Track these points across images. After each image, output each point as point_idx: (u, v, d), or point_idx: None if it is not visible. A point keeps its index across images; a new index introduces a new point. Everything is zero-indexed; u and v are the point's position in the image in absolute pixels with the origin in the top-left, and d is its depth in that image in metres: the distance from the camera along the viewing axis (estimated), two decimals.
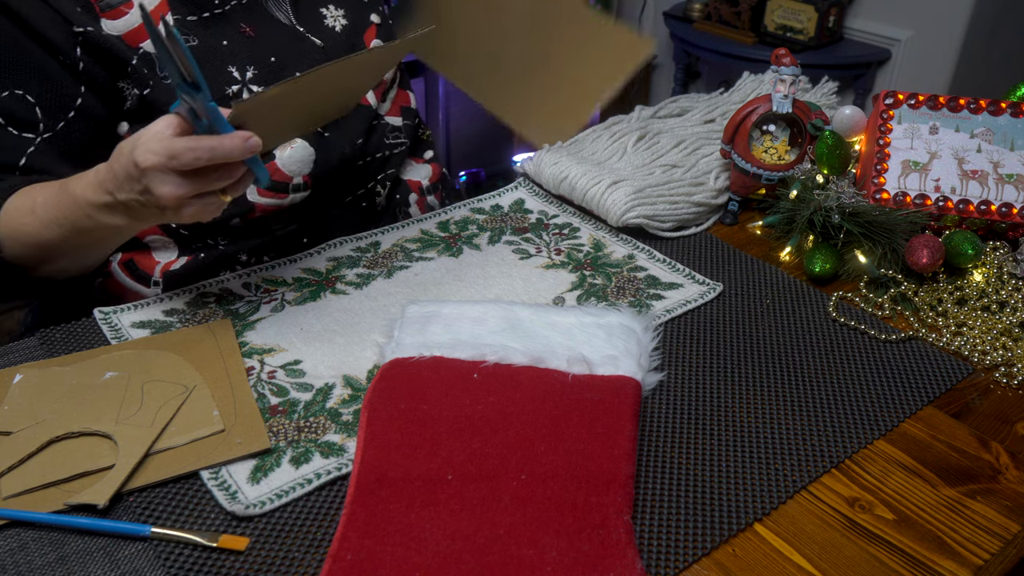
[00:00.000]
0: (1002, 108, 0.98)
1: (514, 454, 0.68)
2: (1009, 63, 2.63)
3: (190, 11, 0.95)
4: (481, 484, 0.65)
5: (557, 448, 0.68)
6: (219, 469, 0.68)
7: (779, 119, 1.06)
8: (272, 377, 0.79)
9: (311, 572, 0.61)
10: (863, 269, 0.95)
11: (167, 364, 0.78)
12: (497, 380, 0.75)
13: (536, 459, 0.68)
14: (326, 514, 0.66)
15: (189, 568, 0.61)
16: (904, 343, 0.86)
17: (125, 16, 0.91)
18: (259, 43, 0.99)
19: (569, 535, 0.62)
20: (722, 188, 1.09)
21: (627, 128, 1.19)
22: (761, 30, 2.63)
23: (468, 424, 0.71)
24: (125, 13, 0.91)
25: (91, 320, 0.86)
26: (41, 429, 0.70)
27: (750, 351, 0.84)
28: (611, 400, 0.73)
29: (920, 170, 0.98)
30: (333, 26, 1.07)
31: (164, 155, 0.71)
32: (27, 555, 0.62)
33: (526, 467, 0.67)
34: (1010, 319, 0.88)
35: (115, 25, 0.90)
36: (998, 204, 0.96)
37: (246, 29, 0.98)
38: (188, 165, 0.71)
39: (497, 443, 0.69)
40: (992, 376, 0.83)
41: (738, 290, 0.94)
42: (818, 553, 0.64)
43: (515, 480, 0.66)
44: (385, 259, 0.98)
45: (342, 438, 0.72)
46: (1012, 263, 0.93)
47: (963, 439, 0.75)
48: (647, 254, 0.99)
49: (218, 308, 0.88)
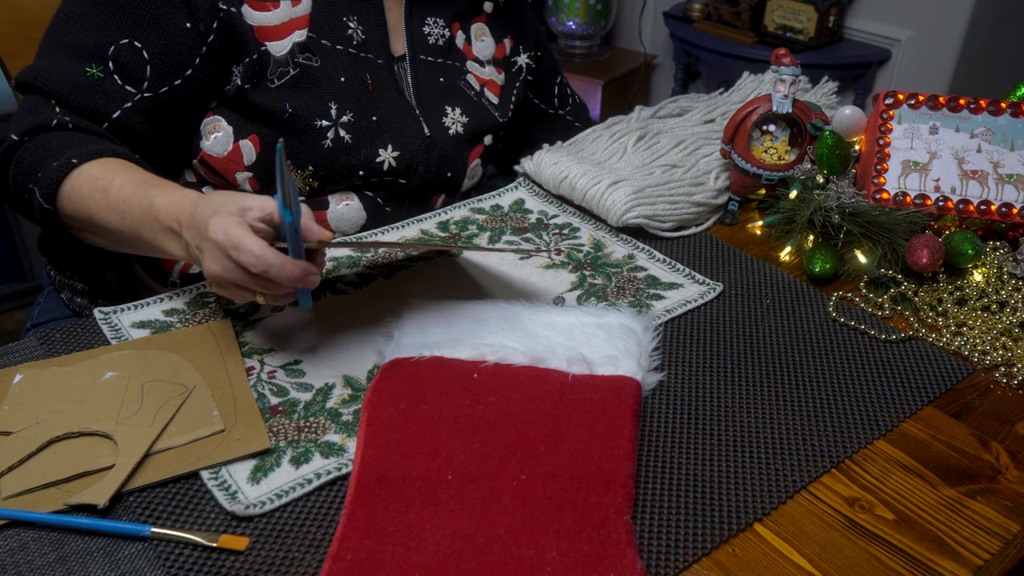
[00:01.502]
0: (1002, 108, 0.98)
1: (514, 454, 0.68)
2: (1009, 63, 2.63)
3: (327, 37, 0.97)
4: (481, 484, 0.65)
5: (557, 448, 0.68)
6: (219, 469, 0.68)
7: (779, 119, 1.06)
8: (272, 377, 0.79)
9: (311, 572, 0.61)
10: (863, 269, 0.95)
11: (167, 364, 0.78)
12: (497, 380, 0.75)
13: (536, 459, 0.68)
14: (326, 514, 0.66)
15: (189, 568, 0.61)
16: (904, 343, 0.86)
17: (268, 12, 0.93)
18: (373, 97, 1.00)
19: (569, 535, 0.62)
20: (722, 188, 1.09)
21: (627, 128, 1.19)
22: (761, 30, 2.63)
23: (468, 424, 0.71)
24: (269, 9, 0.93)
25: (91, 320, 0.86)
26: (41, 429, 0.70)
27: (750, 351, 0.84)
28: (611, 400, 0.73)
29: (920, 170, 0.98)
30: (449, 127, 1.08)
31: (229, 243, 0.70)
32: (27, 555, 0.62)
33: (526, 467, 0.67)
34: (1010, 319, 0.88)
35: (254, 15, 0.92)
36: (998, 204, 0.96)
37: (369, 80, 0.99)
38: (244, 264, 0.71)
39: (497, 443, 0.69)
40: (992, 376, 0.83)
41: (738, 290, 0.94)
42: (818, 553, 0.64)
43: (515, 480, 0.66)
44: (385, 259, 0.98)
45: (342, 438, 0.72)
46: (1012, 263, 0.93)
47: (963, 439, 0.75)
48: (647, 254, 0.99)
49: (218, 308, 0.88)
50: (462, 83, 1.11)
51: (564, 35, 2.97)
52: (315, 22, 0.96)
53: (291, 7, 0.95)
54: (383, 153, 1.01)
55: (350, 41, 0.98)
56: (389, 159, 1.02)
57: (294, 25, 0.94)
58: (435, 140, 1.06)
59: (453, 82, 1.09)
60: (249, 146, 0.97)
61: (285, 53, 0.94)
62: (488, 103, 1.13)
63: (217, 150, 0.97)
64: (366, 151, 1.00)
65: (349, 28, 0.98)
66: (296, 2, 0.95)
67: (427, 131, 1.05)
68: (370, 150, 1.00)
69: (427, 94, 1.06)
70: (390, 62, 1.02)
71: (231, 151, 0.96)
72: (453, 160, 1.09)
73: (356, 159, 1.00)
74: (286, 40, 0.94)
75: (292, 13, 0.94)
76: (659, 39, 3.08)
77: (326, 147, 0.97)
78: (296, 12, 0.94)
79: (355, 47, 0.99)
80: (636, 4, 3.05)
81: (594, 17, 2.90)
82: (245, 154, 0.97)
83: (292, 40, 0.94)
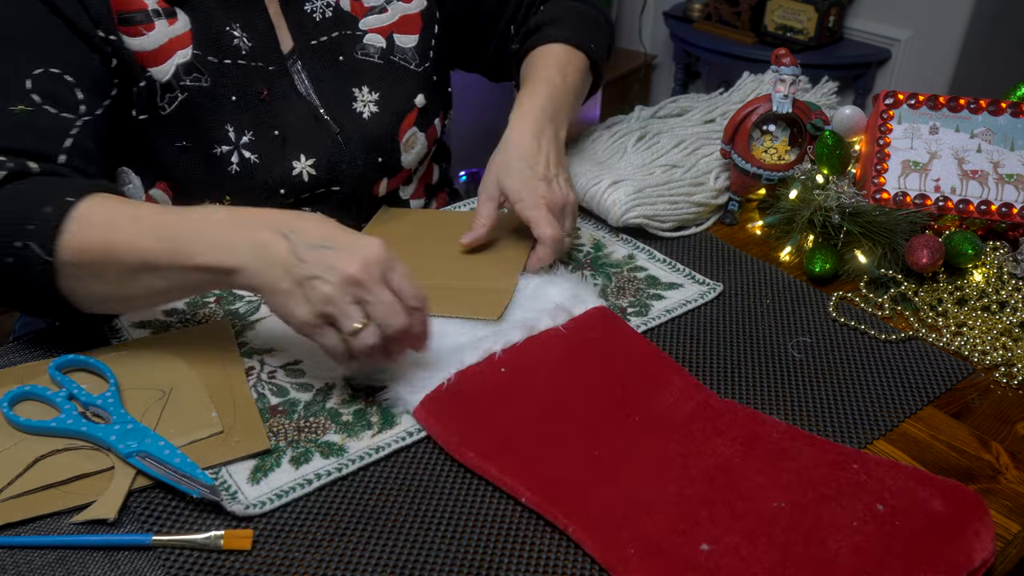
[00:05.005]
0: (1002, 108, 0.98)
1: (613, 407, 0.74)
2: (1009, 63, 2.63)
3: (213, 52, 0.89)
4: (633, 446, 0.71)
5: (625, 383, 0.76)
6: (219, 469, 0.68)
7: (779, 119, 1.06)
8: (272, 377, 0.79)
9: (311, 572, 0.61)
10: (863, 269, 0.95)
11: (137, 371, 0.77)
12: (524, 360, 0.78)
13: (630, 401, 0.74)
14: (326, 514, 0.66)
15: (189, 568, 0.61)
16: (904, 343, 0.86)
17: (142, 36, 0.86)
18: (269, 109, 0.93)
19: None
20: (722, 188, 1.09)
21: (627, 128, 1.19)
22: (761, 30, 2.63)
23: (550, 404, 0.74)
24: (143, 33, 0.86)
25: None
26: (23, 448, 0.68)
27: (750, 351, 0.84)
28: (610, 328, 0.83)
29: (920, 170, 0.98)
30: (361, 112, 0.99)
31: (387, 260, 0.68)
32: (27, 555, 0.62)
33: (637, 411, 0.74)
34: (1010, 319, 0.88)
35: (131, 41, 0.86)
36: (998, 204, 0.96)
37: (264, 92, 0.92)
38: (399, 291, 0.68)
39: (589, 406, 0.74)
40: (992, 376, 0.83)
41: (738, 290, 0.94)
42: None
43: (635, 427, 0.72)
44: None
45: (342, 438, 0.72)
46: (1012, 263, 0.93)
47: (963, 439, 0.75)
48: (647, 254, 0.99)
49: (218, 308, 0.88)
50: (359, 52, 1.00)
51: None
52: (198, 38, 0.88)
53: (168, 27, 0.86)
54: (298, 165, 0.94)
55: (239, 52, 0.90)
56: (306, 169, 0.94)
57: (175, 45, 0.87)
58: (348, 135, 0.97)
59: (351, 56, 0.99)
60: (162, 195, 0.92)
61: (169, 77, 0.87)
62: (400, 59, 1.02)
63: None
64: (278, 168, 0.93)
65: (235, 37, 0.90)
66: (172, 21, 0.87)
67: (335, 128, 0.97)
68: (283, 165, 0.93)
69: (327, 84, 0.97)
70: (282, 64, 0.94)
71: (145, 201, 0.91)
72: (379, 144, 1.00)
73: (270, 178, 0.93)
74: (168, 63, 0.87)
75: (170, 33, 0.87)
76: (659, 39, 3.08)
77: (233, 172, 0.91)
78: (174, 31, 0.87)
79: (244, 57, 0.91)
80: (636, 4, 3.05)
81: None
82: (159, 202, 0.93)
83: (175, 62, 0.87)
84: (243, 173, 0.91)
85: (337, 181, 0.97)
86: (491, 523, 0.65)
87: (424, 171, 1.12)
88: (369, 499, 0.67)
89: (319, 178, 0.96)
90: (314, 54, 0.97)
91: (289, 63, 0.96)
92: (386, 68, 1.01)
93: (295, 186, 0.94)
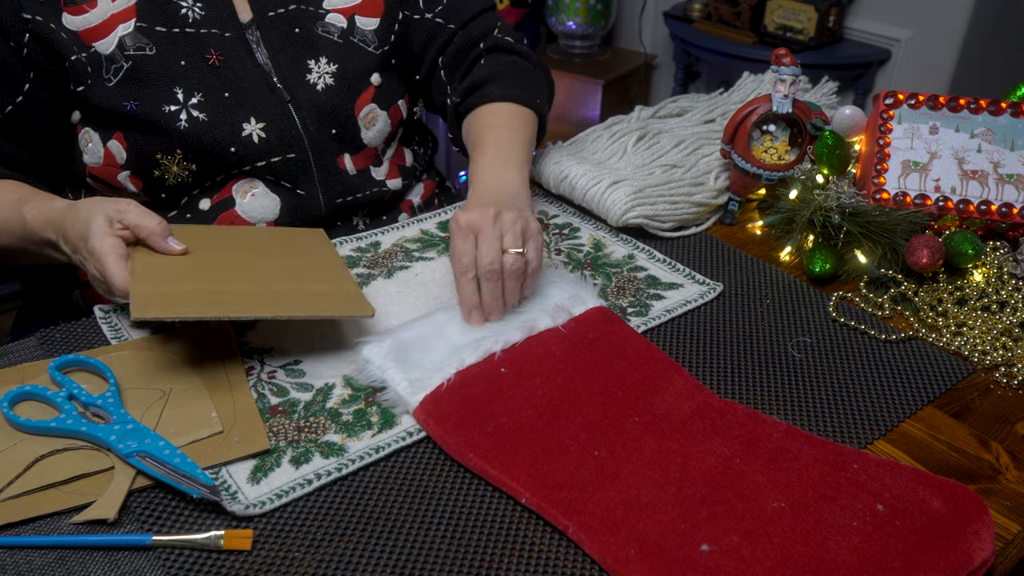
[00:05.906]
0: (1002, 108, 0.98)
1: (610, 407, 0.74)
2: (1009, 63, 2.63)
3: (160, 23, 0.95)
4: (631, 449, 0.71)
5: (625, 383, 0.76)
6: (219, 469, 0.68)
7: (779, 119, 1.06)
8: (272, 377, 0.79)
9: (311, 572, 0.61)
10: (863, 269, 0.95)
11: (137, 369, 0.78)
12: (523, 361, 0.78)
13: (631, 402, 0.75)
14: (326, 514, 0.66)
15: (189, 568, 0.61)
16: (904, 343, 0.86)
17: (86, 14, 0.92)
18: (220, 74, 0.97)
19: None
20: (722, 188, 1.09)
21: (627, 128, 1.19)
22: (761, 30, 2.63)
23: (550, 405, 0.74)
24: (86, 11, 0.92)
25: (91, 320, 0.86)
26: (23, 448, 0.69)
27: (750, 351, 0.84)
28: (610, 328, 0.83)
29: (920, 170, 0.98)
30: (315, 83, 1.02)
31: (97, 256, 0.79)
32: (27, 555, 0.62)
33: (636, 412, 0.74)
34: (1010, 319, 0.88)
35: (74, 20, 0.92)
36: (998, 204, 0.96)
37: (213, 57, 0.97)
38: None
39: (588, 407, 0.74)
40: (992, 376, 0.83)
41: (738, 290, 0.94)
42: None
43: (635, 426, 0.72)
44: (385, 259, 0.98)
45: (342, 438, 0.72)
46: (1012, 263, 0.93)
47: (963, 439, 0.75)
48: (647, 254, 0.99)
49: None
50: (320, 28, 1.03)
51: (564, 35, 2.97)
52: (143, 11, 0.94)
53: (111, 3, 0.93)
54: (247, 127, 0.97)
55: (185, 21, 0.96)
56: (256, 131, 0.98)
57: (117, 20, 0.93)
58: (299, 102, 1.00)
59: (310, 30, 1.02)
60: (117, 145, 0.96)
61: (113, 49, 0.93)
62: (360, 39, 1.05)
63: (94, 160, 0.97)
64: (228, 127, 0.97)
65: (183, 8, 0.96)
66: None
67: (287, 96, 1.00)
68: (232, 126, 0.97)
69: (283, 54, 1.01)
70: (239, 32, 0.99)
71: (104, 155, 0.97)
72: (332, 116, 1.02)
73: (220, 135, 0.96)
74: (111, 36, 0.93)
75: (112, 8, 0.93)
76: (659, 39, 3.08)
77: (182, 128, 0.95)
78: (117, 7, 0.93)
79: (193, 25, 0.96)
80: (636, 4, 3.05)
81: (594, 17, 2.90)
82: (116, 154, 0.96)
83: (117, 35, 0.94)
84: (192, 129, 0.96)
85: (290, 148, 1.01)
86: (491, 523, 0.65)
87: (393, 153, 1.13)
88: (369, 499, 0.67)
89: (270, 142, 0.99)
90: (271, 25, 1.01)
91: (248, 32, 1.00)
92: (344, 45, 1.04)
93: (246, 146, 0.98)
